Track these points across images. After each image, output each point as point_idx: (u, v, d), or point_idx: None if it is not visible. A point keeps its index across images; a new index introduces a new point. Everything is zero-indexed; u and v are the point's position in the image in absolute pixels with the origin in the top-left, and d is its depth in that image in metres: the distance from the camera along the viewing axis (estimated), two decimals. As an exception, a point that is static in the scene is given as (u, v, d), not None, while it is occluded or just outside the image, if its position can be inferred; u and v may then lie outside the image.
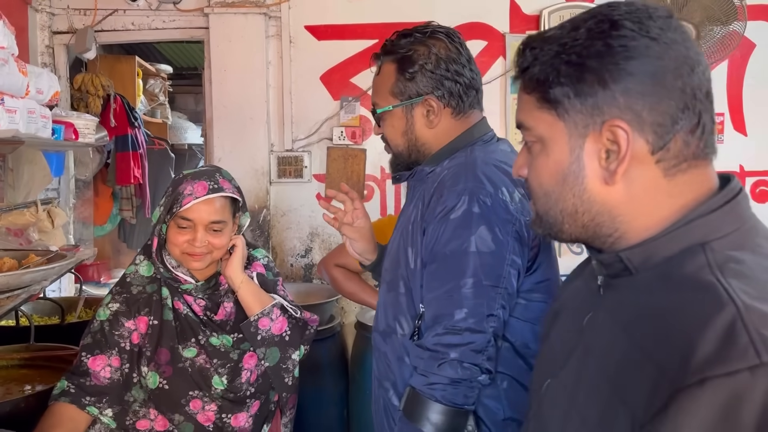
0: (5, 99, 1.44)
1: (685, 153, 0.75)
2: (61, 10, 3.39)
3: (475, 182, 1.30)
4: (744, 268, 0.69)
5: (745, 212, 0.76)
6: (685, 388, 0.61)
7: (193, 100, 6.82)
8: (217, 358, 1.61)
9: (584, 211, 0.79)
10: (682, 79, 0.74)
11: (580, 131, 0.77)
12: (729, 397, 0.60)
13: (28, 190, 2.55)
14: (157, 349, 1.59)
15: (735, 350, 0.61)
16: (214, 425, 1.60)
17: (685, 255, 0.73)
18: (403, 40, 1.43)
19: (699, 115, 0.75)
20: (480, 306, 1.25)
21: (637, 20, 0.74)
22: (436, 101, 1.42)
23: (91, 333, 1.60)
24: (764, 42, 3.35)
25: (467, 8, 3.38)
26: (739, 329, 0.62)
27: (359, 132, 3.42)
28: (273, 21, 3.42)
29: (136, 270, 1.67)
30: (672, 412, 0.61)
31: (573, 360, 0.84)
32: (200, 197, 1.55)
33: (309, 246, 3.52)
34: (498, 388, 1.33)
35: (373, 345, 1.55)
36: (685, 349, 0.63)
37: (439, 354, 1.25)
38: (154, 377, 1.58)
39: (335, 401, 2.97)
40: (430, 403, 1.24)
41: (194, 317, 1.62)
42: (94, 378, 1.55)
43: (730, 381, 0.60)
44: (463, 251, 1.27)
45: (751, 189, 3.44)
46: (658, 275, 0.74)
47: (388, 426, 1.46)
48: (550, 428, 0.85)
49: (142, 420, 1.60)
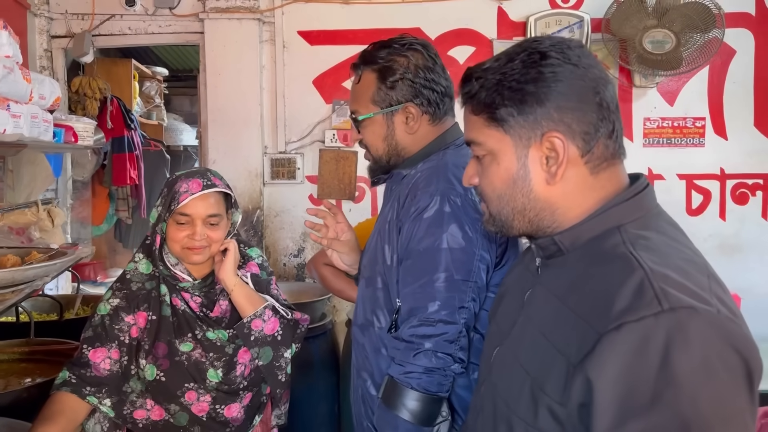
0: (11, 105, 1.52)
1: (605, 154, 0.93)
2: (59, 14, 3.47)
3: (446, 184, 1.40)
4: (650, 243, 0.87)
5: (650, 202, 0.95)
6: (607, 333, 0.78)
7: (189, 102, 6.88)
8: (213, 352, 1.68)
9: (531, 208, 0.96)
10: (599, 95, 0.92)
11: (525, 143, 0.94)
12: (640, 336, 0.76)
13: (29, 190, 2.62)
14: (155, 342, 1.66)
15: (643, 302, 0.78)
16: (207, 415, 1.68)
17: (604, 235, 0.91)
18: (382, 51, 1.51)
19: (613, 123, 0.93)
20: (452, 299, 1.34)
21: (560, 50, 0.92)
22: (416, 108, 1.50)
23: (92, 326, 1.67)
24: (744, 48, 3.45)
25: (456, 15, 3.47)
26: (647, 286, 0.79)
27: (351, 135, 3.50)
28: (267, 26, 3.50)
29: (135, 267, 1.73)
30: (598, 352, 0.78)
31: (516, 329, 1.01)
32: (196, 193, 1.63)
33: (301, 246, 3.60)
34: (470, 378, 1.42)
35: (352, 337, 1.64)
36: (607, 304, 0.80)
37: (414, 345, 1.34)
38: (152, 369, 1.65)
39: (326, 397, 3.05)
40: (407, 390, 1.33)
41: (191, 313, 1.69)
42: (95, 369, 1.62)
43: (640, 325, 0.77)
44: (435, 248, 1.36)
45: (732, 191, 3.52)
46: (584, 253, 0.92)
47: (365, 414, 1.55)
48: (499, 386, 1.00)
49: (139, 410, 1.67)
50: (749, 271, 3.45)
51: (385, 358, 1.48)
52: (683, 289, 0.79)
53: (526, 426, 0.90)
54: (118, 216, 4.19)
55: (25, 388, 1.75)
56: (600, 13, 3.34)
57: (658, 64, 3.20)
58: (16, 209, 1.95)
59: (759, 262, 3.48)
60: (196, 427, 1.68)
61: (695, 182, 3.52)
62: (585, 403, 0.79)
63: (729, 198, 3.53)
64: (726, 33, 3.24)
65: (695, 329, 0.76)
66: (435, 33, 3.46)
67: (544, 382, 0.87)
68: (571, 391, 0.81)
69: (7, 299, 1.39)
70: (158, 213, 1.68)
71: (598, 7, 3.35)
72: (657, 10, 3.22)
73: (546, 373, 0.87)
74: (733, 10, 3.37)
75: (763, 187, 3.51)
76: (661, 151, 3.50)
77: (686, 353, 0.75)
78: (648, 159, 3.47)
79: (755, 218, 3.52)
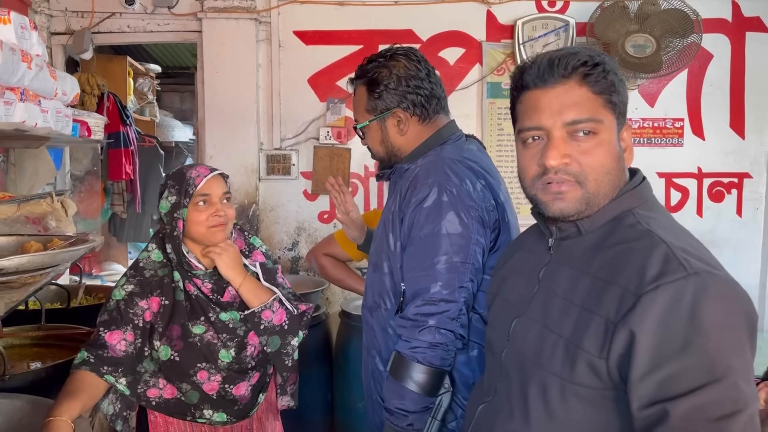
0: (41, 101, 1.62)
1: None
2: (59, 12, 3.54)
3: (443, 176, 1.54)
4: (660, 222, 1.05)
5: (648, 192, 1.13)
6: (646, 293, 0.93)
7: (179, 99, 6.95)
8: (225, 333, 1.77)
9: (619, 182, 1.10)
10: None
11: (619, 126, 1.10)
12: (673, 294, 0.92)
13: (31, 184, 2.70)
14: (169, 325, 1.76)
15: (672, 267, 0.94)
16: (217, 393, 1.78)
17: (620, 217, 1.08)
18: (369, 65, 1.69)
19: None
20: (452, 279, 1.48)
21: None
22: (403, 112, 1.66)
23: (107, 311, 1.75)
24: (721, 53, 3.61)
25: (447, 17, 3.59)
26: (672, 256, 0.96)
27: (344, 132, 3.62)
28: (263, 26, 3.60)
29: (148, 256, 1.82)
30: (639, 309, 0.93)
31: (536, 301, 1.14)
32: (208, 175, 1.77)
33: (296, 240, 3.71)
34: (468, 355, 1.56)
35: (362, 319, 1.78)
36: (641, 271, 0.96)
37: (419, 322, 1.48)
38: (166, 350, 1.74)
39: (320, 386, 3.14)
40: (413, 364, 1.46)
41: (204, 297, 1.78)
42: (111, 350, 1.71)
43: (673, 285, 0.93)
44: (435, 234, 1.50)
45: (708, 189, 3.69)
46: (604, 232, 1.08)
47: (375, 388, 1.69)
48: (526, 350, 1.12)
49: (152, 388, 1.76)
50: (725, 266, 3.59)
51: (391, 337, 1.61)
52: (699, 258, 0.96)
53: (562, 381, 1.03)
54: (113, 210, 4.25)
55: (44, 368, 1.84)
56: (585, 18, 3.48)
57: (640, 67, 3.36)
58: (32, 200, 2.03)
59: (734, 257, 3.64)
60: (206, 404, 1.78)
61: (674, 180, 3.68)
62: (625, 353, 0.94)
63: (706, 196, 3.69)
64: (704, 38, 3.41)
65: (714, 288, 0.92)
66: (426, 35, 3.58)
67: (580, 340, 1.01)
68: (612, 345, 0.96)
69: (37, 281, 1.49)
70: (173, 202, 1.76)
71: (583, 12, 3.49)
72: (639, 16, 3.37)
73: (581, 333, 1.01)
74: (711, 16, 3.53)
75: (738, 185, 3.68)
76: (642, 151, 3.65)
77: (710, 308, 0.91)
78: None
79: (730, 215, 3.69)
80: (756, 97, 3.63)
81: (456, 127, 1.73)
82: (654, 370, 0.92)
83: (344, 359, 3.07)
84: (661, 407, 0.91)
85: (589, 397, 1.01)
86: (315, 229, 3.71)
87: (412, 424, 1.47)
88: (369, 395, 1.74)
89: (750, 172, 3.68)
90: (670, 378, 0.91)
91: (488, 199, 1.55)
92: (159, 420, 1.80)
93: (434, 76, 1.70)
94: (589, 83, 1.07)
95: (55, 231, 2.11)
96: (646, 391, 0.92)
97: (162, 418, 1.80)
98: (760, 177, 3.68)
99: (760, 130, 3.65)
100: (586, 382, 1.00)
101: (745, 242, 3.68)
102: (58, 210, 2.08)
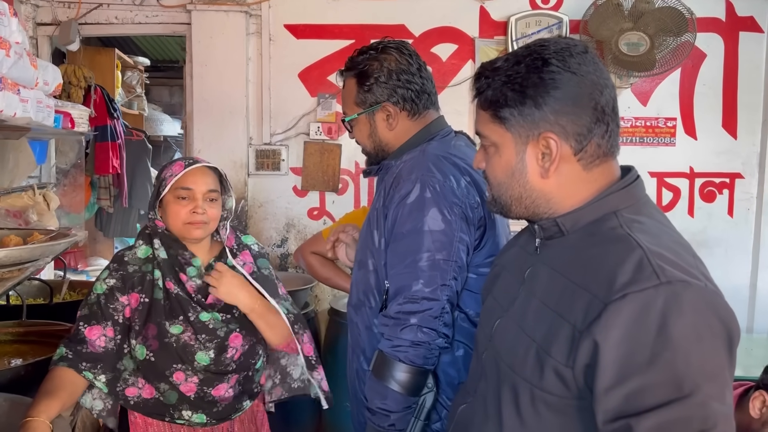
0: (20, 90, 1.57)
1: (597, 152, 1.04)
2: (45, 2, 3.48)
3: (426, 172, 1.51)
4: (644, 226, 0.99)
5: (639, 192, 1.06)
6: (613, 302, 0.89)
7: (168, 93, 6.88)
8: (204, 334, 1.71)
9: (527, 196, 1.08)
10: (594, 101, 1.02)
11: (523, 140, 1.05)
12: (642, 304, 0.87)
13: (12, 176, 2.64)
14: (146, 324, 1.71)
15: (644, 275, 0.89)
16: (195, 395, 1.72)
17: (603, 219, 1.02)
18: (359, 57, 1.66)
19: (607, 125, 1.03)
20: (434, 277, 1.45)
21: (562, 58, 1.01)
22: (393, 107, 1.63)
23: (87, 305, 1.71)
24: (714, 52, 3.60)
25: (440, 13, 3.56)
26: (646, 263, 0.90)
27: (335, 128, 3.58)
28: (253, 19, 3.55)
29: (134, 252, 1.77)
30: (603, 319, 0.89)
31: (518, 302, 1.10)
32: (193, 165, 1.70)
33: (285, 236, 3.67)
34: (454, 355, 1.54)
35: (347, 317, 1.75)
36: (611, 277, 0.91)
37: (401, 321, 1.45)
38: (142, 349, 1.69)
39: (308, 384, 3.13)
40: (395, 363, 1.44)
41: (185, 296, 1.73)
42: (90, 346, 1.66)
43: (642, 294, 0.87)
44: (417, 230, 1.47)
45: (700, 189, 3.68)
46: (585, 234, 1.03)
47: (359, 387, 1.66)
48: (502, 353, 1.09)
49: (131, 387, 1.72)
50: (714, 267, 3.50)
51: (375, 335, 1.59)
52: (676, 265, 0.90)
53: (531, 387, 1.00)
54: (100, 204, 4.19)
55: (23, 366, 1.79)
56: (578, 15, 3.46)
57: (633, 65, 3.34)
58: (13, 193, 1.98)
59: (724, 257, 3.65)
60: (185, 405, 1.72)
61: (666, 180, 3.67)
62: (590, 364, 0.90)
63: (697, 195, 3.69)
64: (697, 37, 3.39)
65: (688, 300, 0.87)
66: (419, 30, 3.54)
67: (550, 346, 0.97)
68: (577, 354, 0.92)
69: (14, 276, 1.44)
70: (154, 193, 1.71)
71: (577, 9, 3.47)
72: (633, 14, 3.35)
73: (552, 339, 0.97)
74: (705, 15, 3.52)
75: (730, 185, 3.67)
76: (634, 150, 3.64)
77: (681, 319, 0.86)
78: (621, 157, 3.53)
79: (722, 215, 3.69)
80: (749, 97, 3.62)
81: (444, 123, 1.70)
82: (619, 383, 0.87)
83: (333, 357, 3.04)
84: (625, 422, 0.87)
85: (558, 405, 0.98)
86: (304, 225, 3.67)
87: (394, 424, 1.45)
88: (354, 394, 1.71)
89: (742, 173, 3.67)
90: (635, 392, 0.86)
91: (473, 196, 1.52)
92: (138, 420, 1.75)
93: (425, 71, 1.67)
94: (478, 98, 1.09)
95: (36, 225, 2.06)
96: (611, 404, 0.88)
97: (141, 418, 1.75)
98: (751, 177, 3.67)
99: (752, 130, 3.65)
100: (554, 390, 0.97)
101: (736, 243, 3.68)
102: (39, 203, 2.03)
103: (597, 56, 1.06)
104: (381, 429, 1.46)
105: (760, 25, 3.59)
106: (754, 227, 3.69)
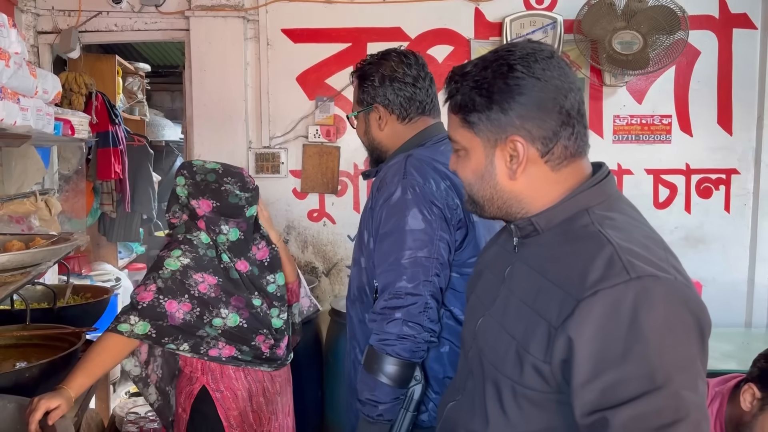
0: (20, 99, 1.61)
1: (565, 154, 1.07)
2: (45, 11, 3.53)
3: (407, 175, 1.60)
4: (615, 222, 1.02)
5: (611, 188, 1.09)
6: (585, 299, 0.92)
7: (170, 98, 6.93)
8: (276, 300, 2.03)
9: (498, 197, 1.11)
10: (559, 105, 1.05)
11: (491, 143, 1.08)
12: (613, 300, 0.90)
13: (20, 183, 2.69)
14: (232, 296, 1.95)
15: (614, 272, 0.92)
16: (265, 354, 2.02)
17: (575, 217, 1.05)
18: (366, 60, 1.80)
19: (573, 127, 1.06)
20: (417, 274, 1.53)
21: (526, 64, 1.04)
22: (383, 109, 1.75)
23: (161, 278, 1.86)
24: (708, 49, 3.62)
25: (435, 15, 3.59)
26: (616, 259, 0.93)
27: (333, 130, 3.62)
28: (251, 24, 3.59)
29: (199, 237, 1.96)
30: (577, 315, 0.92)
31: (499, 300, 1.14)
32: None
33: (285, 238, 3.70)
34: (440, 351, 1.61)
35: (346, 311, 1.85)
36: (583, 275, 0.94)
37: (386, 315, 1.53)
38: (235, 317, 1.94)
39: (311, 384, 3.16)
40: (383, 356, 1.51)
41: (256, 274, 1.99)
42: (170, 319, 1.85)
43: (612, 290, 0.90)
44: (399, 230, 1.55)
45: (696, 185, 3.70)
46: (558, 232, 1.06)
47: (355, 378, 1.73)
48: (485, 351, 1.13)
49: (213, 349, 1.95)
50: (712, 262, 3.65)
51: (368, 329, 1.65)
52: (646, 260, 0.93)
53: (512, 383, 1.03)
54: (103, 210, 4.23)
55: (28, 368, 1.83)
56: (572, 15, 3.48)
57: (627, 64, 3.36)
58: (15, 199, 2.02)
59: (721, 253, 3.67)
60: (256, 361, 2.01)
61: (662, 177, 3.70)
62: (566, 360, 0.94)
63: (694, 192, 3.71)
64: (690, 34, 3.41)
65: (658, 293, 0.90)
66: (415, 32, 3.58)
67: (528, 343, 1.00)
68: (553, 350, 0.95)
69: (17, 280, 1.48)
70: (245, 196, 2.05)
71: (571, 9, 3.50)
72: (625, 13, 3.38)
73: (530, 336, 1.00)
74: (698, 13, 3.54)
75: (726, 181, 3.69)
76: (630, 147, 3.66)
77: (651, 313, 0.89)
78: (617, 155, 3.64)
79: (718, 211, 3.71)
80: (743, 93, 3.64)
81: (441, 129, 1.77)
82: (595, 377, 0.91)
83: (334, 357, 3.08)
84: (601, 415, 0.90)
85: (539, 400, 1.01)
86: (304, 227, 3.70)
87: (382, 414, 1.52)
88: (350, 384, 1.80)
89: (738, 168, 3.69)
90: (610, 386, 0.90)
91: (452, 198, 1.59)
92: (215, 366, 2.00)
93: (423, 81, 1.76)
94: (449, 102, 1.12)
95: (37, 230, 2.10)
96: (587, 398, 0.92)
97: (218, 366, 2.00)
98: (747, 173, 3.69)
99: (747, 126, 3.66)
100: (534, 386, 1.00)
101: (733, 238, 3.70)
102: (41, 209, 2.07)
103: (563, 61, 1.09)
104: (370, 419, 1.52)
105: (753, 21, 3.61)
106: (750, 222, 3.71)
